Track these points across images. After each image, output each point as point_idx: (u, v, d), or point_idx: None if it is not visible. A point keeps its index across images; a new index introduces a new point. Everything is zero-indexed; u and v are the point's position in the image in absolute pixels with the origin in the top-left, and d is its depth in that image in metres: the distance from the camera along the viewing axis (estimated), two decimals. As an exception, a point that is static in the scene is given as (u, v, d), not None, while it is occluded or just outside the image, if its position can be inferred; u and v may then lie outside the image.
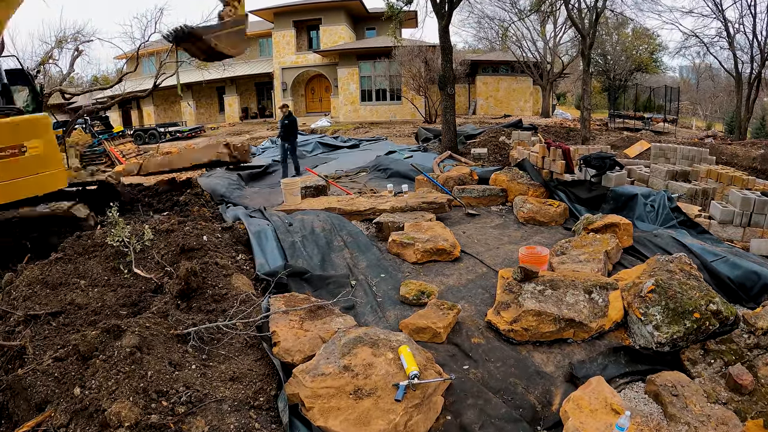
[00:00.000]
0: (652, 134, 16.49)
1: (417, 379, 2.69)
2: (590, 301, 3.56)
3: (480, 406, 2.81)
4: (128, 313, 3.38)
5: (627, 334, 3.50)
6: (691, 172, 7.46)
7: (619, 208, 6.04)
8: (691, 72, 35.96)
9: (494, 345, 3.42)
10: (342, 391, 2.66)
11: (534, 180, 7.14)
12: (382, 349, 2.94)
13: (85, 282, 3.59)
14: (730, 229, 5.56)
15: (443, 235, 5.14)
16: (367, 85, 23.44)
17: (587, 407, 2.66)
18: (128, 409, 2.31)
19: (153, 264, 3.93)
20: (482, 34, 28.19)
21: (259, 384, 2.81)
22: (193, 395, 2.52)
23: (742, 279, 4.17)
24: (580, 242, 4.78)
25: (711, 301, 3.32)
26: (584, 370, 3.13)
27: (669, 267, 3.74)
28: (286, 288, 4.09)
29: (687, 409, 2.72)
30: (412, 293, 4.04)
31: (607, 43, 24.04)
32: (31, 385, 2.56)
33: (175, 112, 29.38)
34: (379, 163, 9.90)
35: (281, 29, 24.85)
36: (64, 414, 2.40)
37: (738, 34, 17.86)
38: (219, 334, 3.11)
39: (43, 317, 3.15)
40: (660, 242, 4.93)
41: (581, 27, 13.20)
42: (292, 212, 6.05)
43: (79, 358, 2.65)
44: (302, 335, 3.20)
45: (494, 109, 23.22)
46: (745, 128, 17.71)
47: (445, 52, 11.39)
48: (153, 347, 2.75)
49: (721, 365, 3.09)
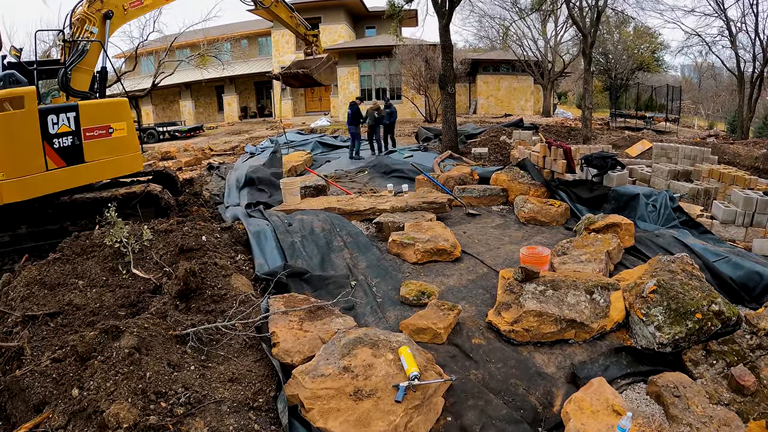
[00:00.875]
0: (654, 133, 16.44)
1: (417, 380, 2.69)
2: (592, 302, 3.55)
3: (481, 407, 2.80)
4: (127, 313, 3.38)
5: (628, 335, 3.49)
6: (693, 171, 7.45)
7: (621, 208, 6.03)
8: (693, 71, 35.95)
9: (495, 346, 3.41)
10: (342, 392, 2.65)
11: (535, 180, 7.12)
12: (382, 349, 2.94)
13: (83, 282, 3.58)
14: (732, 229, 5.55)
15: (444, 235, 5.13)
16: (367, 84, 23.37)
17: (589, 408, 2.65)
18: (127, 411, 2.30)
19: (152, 264, 3.92)
20: (483, 32, 28.20)
21: (259, 385, 2.80)
22: (192, 396, 2.52)
23: (745, 279, 4.15)
24: (581, 242, 4.76)
25: (713, 301, 3.31)
26: (585, 371, 3.12)
27: (671, 267, 3.73)
28: (285, 288, 4.08)
29: (689, 410, 2.71)
30: (412, 294, 4.03)
31: (609, 42, 23.95)
32: (29, 386, 2.56)
33: (173, 111, 29.34)
34: (379, 162, 9.87)
35: (280, 28, 24.71)
36: (63, 415, 2.40)
37: (740, 32, 17.80)
38: (218, 335, 3.10)
39: (41, 318, 3.15)
40: (662, 242, 4.91)
41: (582, 26, 13.15)
42: (291, 212, 6.04)
43: (77, 359, 2.64)
44: (302, 336, 3.19)
45: (495, 109, 23.18)
46: (748, 127, 17.63)
47: (445, 50, 11.36)
48: (152, 348, 2.74)
49: (724, 366, 3.07)
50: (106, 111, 5.43)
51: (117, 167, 5.60)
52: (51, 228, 5.13)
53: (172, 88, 26.44)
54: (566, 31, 23.87)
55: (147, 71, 24.96)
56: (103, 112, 5.39)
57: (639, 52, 24.79)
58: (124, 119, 5.56)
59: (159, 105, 29.43)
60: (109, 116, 5.39)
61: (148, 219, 5.35)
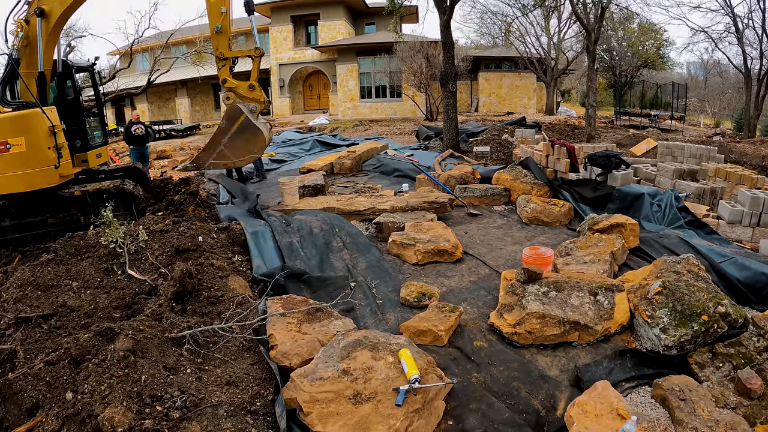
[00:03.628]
0: (659, 132, 16.32)
1: (418, 383, 2.65)
2: (595, 303, 3.51)
3: (482, 411, 2.77)
4: (122, 315, 3.35)
5: (633, 337, 3.45)
6: (699, 170, 7.37)
7: (625, 207, 5.98)
8: (699, 68, 35.67)
9: (497, 348, 3.38)
10: (341, 395, 2.62)
11: (538, 179, 7.07)
12: (382, 352, 2.91)
13: (77, 284, 3.55)
14: (738, 229, 5.49)
15: (445, 235, 5.08)
16: (367, 82, 23.19)
17: (592, 412, 2.61)
18: (121, 414, 2.28)
19: (147, 265, 3.89)
20: (485, 29, 27.99)
21: (256, 388, 2.78)
22: (188, 400, 2.50)
23: (752, 280, 4.10)
24: (585, 243, 4.73)
25: (719, 303, 3.27)
26: (589, 374, 3.08)
27: (676, 268, 3.69)
28: (283, 290, 4.04)
29: (695, 414, 2.67)
30: (412, 295, 3.99)
31: (613, 39, 23.75)
32: (21, 389, 2.53)
33: (169, 109, 29.29)
34: (379, 161, 9.82)
35: (278, 24, 24.61)
36: (56, 419, 2.38)
37: (747, 29, 17.62)
38: (215, 337, 3.08)
39: (34, 320, 3.12)
40: (667, 243, 4.87)
41: (586, 22, 13.06)
42: (289, 212, 5.99)
43: (71, 362, 2.62)
44: (300, 338, 3.16)
45: (497, 107, 23.08)
46: (755, 126, 17.44)
47: (446, 47, 11.28)
48: (147, 351, 2.72)
49: (730, 369, 3.03)
50: (1, 126, 5.06)
51: (16, 183, 5.20)
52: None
53: (168, 85, 26.36)
54: (570, 27, 23.79)
55: (142, 68, 24.85)
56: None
57: (644, 48, 24.60)
58: (26, 133, 5.12)
59: (155, 103, 29.38)
60: (4, 131, 5.03)
61: (119, 212, 5.53)
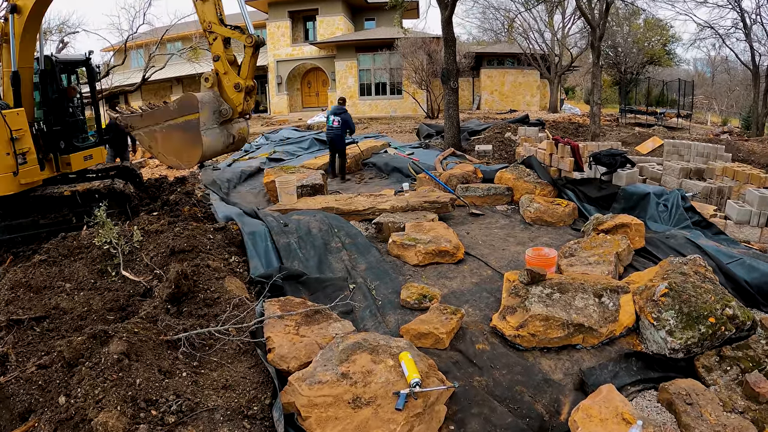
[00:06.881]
0: (665, 130, 16.20)
1: (418, 387, 2.63)
2: (600, 305, 3.48)
3: (485, 415, 2.75)
4: (116, 318, 3.32)
5: (639, 340, 3.41)
6: (706, 169, 7.31)
7: (631, 207, 5.94)
8: (706, 65, 35.43)
9: (500, 351, 3.35)
10: (340, 399, 2.60)
11: (541, 178, 7.02)
12: (381, 355, 2.89)
13: (70, 285, 3.53)
14: (746, 229, 5.44)
15: (446, 236, 5.04)
16: (366, 79, 23.01)
17: (597, 416, 2.58)
18: (116, 419, 2.25)
19: (142, 266, 3.85)
20: (487, 25, 27.85)
21: (253, 392, 2.75)
22: (183, 404, 2.48)
23: (760, 282, 4.05)
24: (589, 243, 4.69)
25: (727, 305, 3.23)
26: (594, 377, 3.05)
27: (683, 269, 3.65)
28: (281, 291, 3.99)
29: (702, 418, 2.64)
30: (413, 297, 3.95)
31: (618, 35, 23.52)
32: (13, 393, 2.51)
33: (165, 107, 29.27)
34: (379, 160, 9.76)
35: (276, 20, 24.36)
36: (49, 424, 2.36)
37: (755, 24, 17.38)
38: (211, 340, 3.05)
39: (26, 322, 3.10)
40: (673, 243, 4.82)
41: (591, 18, 12.93)
42: (287, 212, 5.93)
43: (64, 366, 2.60)
44: (298, 341, 3.13)
45: (499, 104, 22.98)
46: (763, 124, 17.20)
47: (448, 44, 11.18)
48: (142, 354, 2.69)
49: (738, 372, 3.00)
50: None
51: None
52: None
53: (164, 82, 26.16)
54: (574, 23, 23.61)
55: (137, 65, 24.67)
56: None
57: (650, 45, 24.38)
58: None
59: (150, 100, 29.42)
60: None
61: (112, 211, 5.49)
